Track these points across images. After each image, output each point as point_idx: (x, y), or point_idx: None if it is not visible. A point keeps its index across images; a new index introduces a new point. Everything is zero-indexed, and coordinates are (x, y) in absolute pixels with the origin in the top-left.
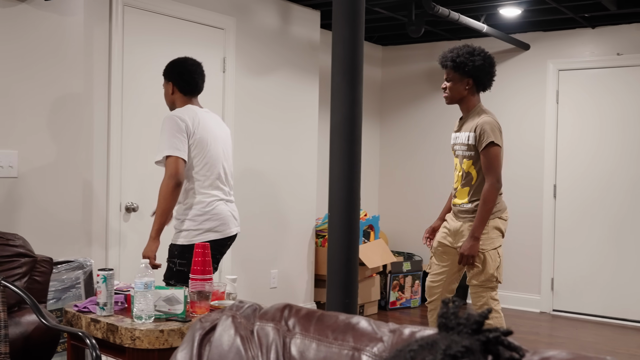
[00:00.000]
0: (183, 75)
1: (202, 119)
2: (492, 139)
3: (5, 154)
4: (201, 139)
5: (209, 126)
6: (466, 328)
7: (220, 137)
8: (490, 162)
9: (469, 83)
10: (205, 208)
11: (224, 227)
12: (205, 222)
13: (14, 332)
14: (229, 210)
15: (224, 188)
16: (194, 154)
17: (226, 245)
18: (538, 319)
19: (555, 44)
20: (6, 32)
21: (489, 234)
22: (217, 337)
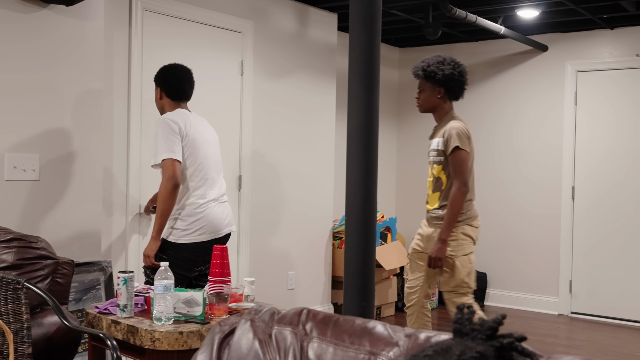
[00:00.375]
0: (170, 81)
1: (193, 122)
2: (457, 143)
3: (27, 158)
4: (193, 141)
5: (199, 129)
6: (480, 334)
7: (211, 140)
8: (457, 166)
9: (440, 92)
10: (196, 209)
11: (212, 229)
12: (194, 222)
13: (36, 333)
14: (221, 212)
15: (216, 189)
16: (186, 155)
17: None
18: (556, 321)
19: (573, 45)
20: (29, 37)
21: (458, 240)
22: (236, 341)
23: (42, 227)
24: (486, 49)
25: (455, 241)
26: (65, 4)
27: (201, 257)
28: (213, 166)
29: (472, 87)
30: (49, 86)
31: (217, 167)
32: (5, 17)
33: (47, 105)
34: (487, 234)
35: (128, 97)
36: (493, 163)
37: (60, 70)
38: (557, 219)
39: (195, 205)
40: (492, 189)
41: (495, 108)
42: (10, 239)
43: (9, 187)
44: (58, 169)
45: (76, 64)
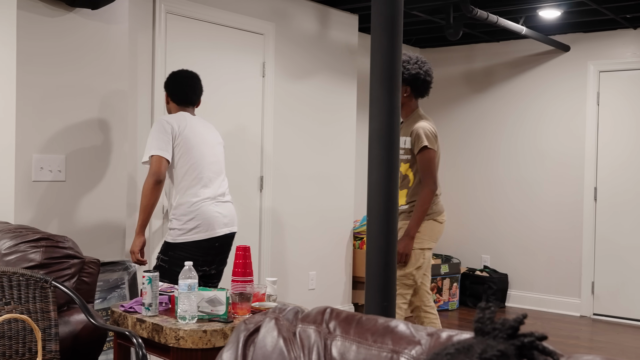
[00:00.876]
0: (174, 87)
1: (189, 123)
2: (425, 143)
3: (54, 159)
4: (186, 141)
5: (196, 130)
6: (501, 333)
7: (209, 140)
8: (425, 165)
9: (406, 90)
10: (189, 208)
11: (207, 228)
12: (189, 222)
13: (63, 331)
14: (217, 211)
15: (212, 188)
16: (179, 155)
17: (214, 246)
18: (578, 322)
19: (596, 45)
20: (55, 40)
21: (421, 234)
22: (261, 339)
23: (68, 226)
24: (507, 49)
25: (417, 233)
26: (91, 7)
27: (201, 257)
28: (209, 166)
29: (494, 88)
30: (75, 88)
31: (216, 167)
32: (32, 20)
33: (73, 106)
34: (509, 234)
35: (152, 99)
36: (516, 164)
37: (86, 73)
38: (579, 220)
39: (189, 204)
40: (514, 189)
41: (517, 109)
42: (38, 238)
43: (36, 187)
44: (83, 169)
45: (101, 66)
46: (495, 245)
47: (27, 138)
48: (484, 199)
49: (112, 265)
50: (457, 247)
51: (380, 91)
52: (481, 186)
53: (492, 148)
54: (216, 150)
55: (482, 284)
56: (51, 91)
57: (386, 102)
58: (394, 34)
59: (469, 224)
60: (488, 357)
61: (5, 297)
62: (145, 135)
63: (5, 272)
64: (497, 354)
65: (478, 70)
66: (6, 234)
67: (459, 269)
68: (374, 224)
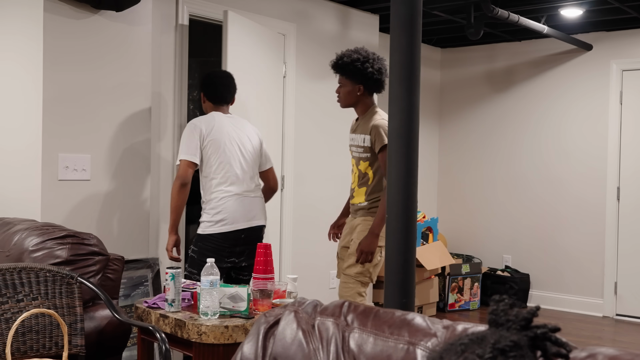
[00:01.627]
0: (209, 86)
1: (218, 123)
2: (386, 141)
3: (79, 158)
4: (215, 141)
5: (225, 129)
6: (515, 324)
7: (240, 139)
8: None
9: (359, 89)
10: (217, 202)
11: (232, 221)
12: (216, 215)
13: (88, 326)
14: (243, 205)
15: (241, 184)
16: (209, 154)
17: (240, 238)
18: (601, 323)
19: (618, 43)
20: (80, 41)
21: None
22: (281, 331)
23: (94, 224)
24: (529, 48)
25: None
26: (115, 9)
27: (228, 248)
28: (238, 164)
29: (516, 87)
30: (99, 88)
31: (246, 165)
32: (59, 22)
33: (97, 107)
34: (531, 234)
35: (174, 99)
36: (538, 163)
37: (110, 73)
38: (602, 220)
39: (217, 200)
40: (536, 189)
41: (539, 108)
42: (64, 235)
43: (62, 186)
44: (108, 169)
45: (126, 67)
46: (517, 245)
47: (53, 138)
48: (505, 198)
49: (135, 262)
50: (479, 247)
51: (400, 90)
52: (502, 186)
53: (514, 148)
54: (247, 147)
55: (503, 284)
56: (76, 91)
57: (405, 101)
58: (413, 34)
59: (490, 223)
60: (501, 347)
61: (32, 293)
62: (168, 134)
63: (33, 268)
64: (510, 344)
65: (500, 70)
66: (33, 232)
67: (480, 268)
68: (394, 221)
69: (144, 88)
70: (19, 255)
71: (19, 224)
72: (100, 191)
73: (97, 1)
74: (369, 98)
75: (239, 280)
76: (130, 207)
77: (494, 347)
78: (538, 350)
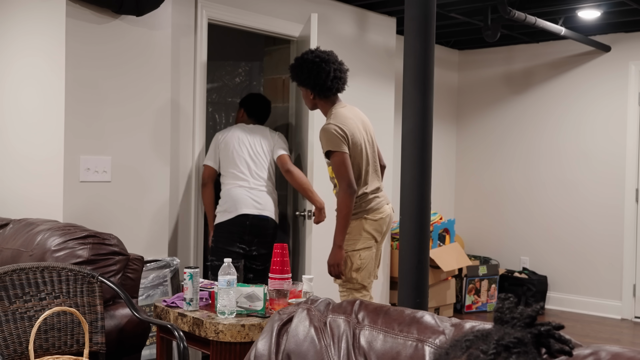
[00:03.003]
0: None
1: (233, 131)
2: (329, 147)
3: (100, 160)
4: (226, 145)
5: (238, 136)
6: (519, 322)
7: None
8: (336, 170)
9: (312, 94)
10: (223, 194)
11: (234, 207)
12: (223, 204)
13: (109, 324)
14: (245, 194)
15: (246, 179)
16: (221, 157)
17: (245, 224)
18: (619, 325)
19: (637, 45)
20: (102, 45)
21: (351, 235)
22: (294, 328)
23: (115, 225)
24: (547, 50)
25: (348, 235)
26: (136, 14)
27: (236, 234)
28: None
29: (534, 89)
30: (120, 91)
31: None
32: (80, 27)
33: (118, 109)
34: (548, 236)
35: (193, 102)
36: (556, 165)
37: (130, 76)
38: (620, 222)
39: (223, 192)
40: (554, 191)
41: (557, 110)
42: (85, 235)
43: (83, 187)
44: (128, 170)
45: (145, 70)
46: (535, 247)
47: (75, 140)
48: (523, 200)
49: (155, 263)
50: (496, 248)
51: (414, 93)
52: (520, 188)
53: (532, 149)
54: (256, 148)
55: (521, 285)
56: (98, 95)
57: (419, 103)
58: (427, 37)
59: (507, 225)
60: (505, 343)
61: (54, 291)
62: (187, 137)
63: (55, 268)
64: (513, 341)
65: (518, 72)
66: (55, 232)
67: (498, 270)
68: (407, 222)
69: (163, 91)
70: (42, 254)
71: (42, 225)
72: (121, 192)
73: (118, 6)
74: (325, 101)
75: (251, 269)
76: (150, 208)
77: (498, 344)
78: (542, 347)
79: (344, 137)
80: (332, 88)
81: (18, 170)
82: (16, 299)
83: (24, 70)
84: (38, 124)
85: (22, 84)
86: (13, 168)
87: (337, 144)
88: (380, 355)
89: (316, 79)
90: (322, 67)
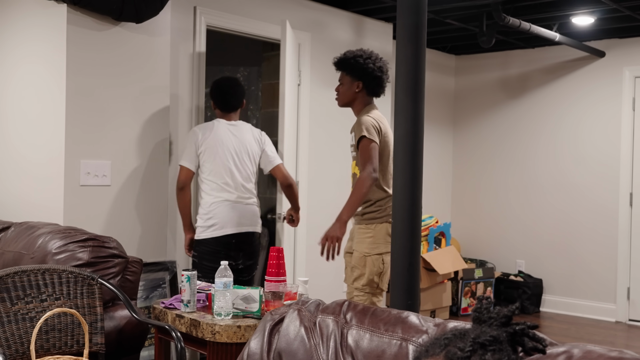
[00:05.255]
0: (216, 95)
1: (215, 131)
2: (363, 133)
3: (100, 164)
4: (209, 148)
5: (221, 138)
6: (496, 321)
7: (235, 147)
8: (362, 154)
9: (358, 86)
10: (208, 208)
11: (222, 226)
12: (208, 220)
13: (108, 325)
14: (234, 211)
15: (231, 192)
16: (203, 161)
17: (231, 242)
18: (613, 328)
19: (631, 50)
20: (102, 51)
21: (375, 238)
22: (285, 327)
23: (114, 228)
24: (543, 55)
25: (371, 238)
26: (136, 21)
27: (223, 251)
28: (230, 172)
29: (530, 94)
30: (120, 97)
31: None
32: (81, 34)
33: (118, 115)
34: (544, 239)
35: (192, 106)
36: (552, 169)
37: (131, 83)
38: (614, 225)
39: (207, 205)
40: (550, 195)
41: (553, 115)
42: (85, 239)
43: (84, 191)
44: (127, 175)
45: (145, 76)
46: (530, 251)
47: (75, 145)
48: (519, 204)
49: (154, 265)
50: (492, 252)
51: (405, 100)
52: (516, 192)
53: (528, 154)
54: (241, 156)
55: (516, 288)
56: (98, 100)
57: (411, 110)
58: (418, 46)
59: (504, 229)
60: (481, 341)
61: (55, 293)
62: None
63: (56, 270)
64: (489, 339)
65: (514, 77)
66: (56, 235)
67: (493, 273)
68: (399, 226)
69: (162, 97)
70: (43, 257)
71: (43, 228)
72: (120, 196)
73: (118, 13)
74: (367, 98)
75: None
76: (149, 211)
77: (475, 342)
78: (517, 345)
79: (378, 131)
80: (382, 90)
81: (20, 174)
82: (18, 300)
83: (26, 77)
84: (39, 130)
85: (24, 90)
86: (15, 173)
87: (371, 132)
88: (366, 354)
89: (376, 75)
90: (384, 69)
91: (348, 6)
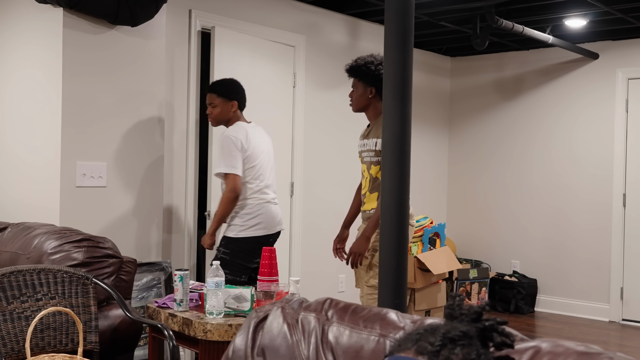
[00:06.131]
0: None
1: (250, 136)
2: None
3: (96, 166)
4: (252, 154)
5: (256, 141)
6: (467, 317)
7: (265, 150)
8: None
9: (372, 92)
10: (253, 209)
11: (267, 226)
12: (251, 219)
13: (103, 324)
14: (275, 211)
15: (271, 193)
16: (247, 165)
17: (268, 242)
18: (607, 328)
19: (624, 52)
20: (98, 54)
21: None
22: (268, 324)
23: (109, 228)
24: (537, 57)
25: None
26: (131, 24)
27: (257, 250)
28: (269, 173)
29: (525, 95)
30: (115, 100)
31: (272, 174)
32: (77, 37)
33: (113, 117)
34: (539, 240)
35: (187, 109)
36: (546, 171)
37: (126, 85)
38: (608, 226)
39: (252, 206)
40: (544, 196)
41: (548, 116)
42: (80, 239)
43: (80, 192)
44: (123, 176)
45: (141, 78)
46: (525, 251)
47: (71, 146)
48: (513, 205)
49: (149, 265)
50: (487, 252)
51: (393, 103)
52: (511, 193)
53: (523, 155)
54: (270, 157)
55: (511, 288)
56: (94, 102)
57: (398, 113)
58: (405, 50)
59: (498, 230)
60: (451, 336)
61: (50, 292)
62: (180, 143)
63: (51, 270)
64: (459, 334)
65: (509, 78)
66: (52, 235)
67: (488, 273)
68: (387, 227)
69: (158, 99)
70: (39, 257)
71: (39, 228)
72: (115, 197)
73: (113, 17)
74: (381, 102)
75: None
76: (144, 212)
77: (445, 336)
78: (487, 340)
79: None
80: None
81: (17, 176)
82: (14, 299)
83: (22, 80)
84: (36, 132)
85: (21, 93)
86: (12, 174)
87: None
88: (346, 349)
89: None
90: None
91: (343, 9)
